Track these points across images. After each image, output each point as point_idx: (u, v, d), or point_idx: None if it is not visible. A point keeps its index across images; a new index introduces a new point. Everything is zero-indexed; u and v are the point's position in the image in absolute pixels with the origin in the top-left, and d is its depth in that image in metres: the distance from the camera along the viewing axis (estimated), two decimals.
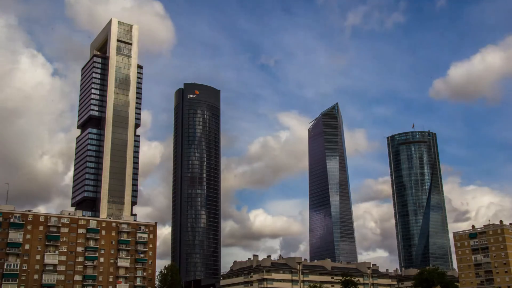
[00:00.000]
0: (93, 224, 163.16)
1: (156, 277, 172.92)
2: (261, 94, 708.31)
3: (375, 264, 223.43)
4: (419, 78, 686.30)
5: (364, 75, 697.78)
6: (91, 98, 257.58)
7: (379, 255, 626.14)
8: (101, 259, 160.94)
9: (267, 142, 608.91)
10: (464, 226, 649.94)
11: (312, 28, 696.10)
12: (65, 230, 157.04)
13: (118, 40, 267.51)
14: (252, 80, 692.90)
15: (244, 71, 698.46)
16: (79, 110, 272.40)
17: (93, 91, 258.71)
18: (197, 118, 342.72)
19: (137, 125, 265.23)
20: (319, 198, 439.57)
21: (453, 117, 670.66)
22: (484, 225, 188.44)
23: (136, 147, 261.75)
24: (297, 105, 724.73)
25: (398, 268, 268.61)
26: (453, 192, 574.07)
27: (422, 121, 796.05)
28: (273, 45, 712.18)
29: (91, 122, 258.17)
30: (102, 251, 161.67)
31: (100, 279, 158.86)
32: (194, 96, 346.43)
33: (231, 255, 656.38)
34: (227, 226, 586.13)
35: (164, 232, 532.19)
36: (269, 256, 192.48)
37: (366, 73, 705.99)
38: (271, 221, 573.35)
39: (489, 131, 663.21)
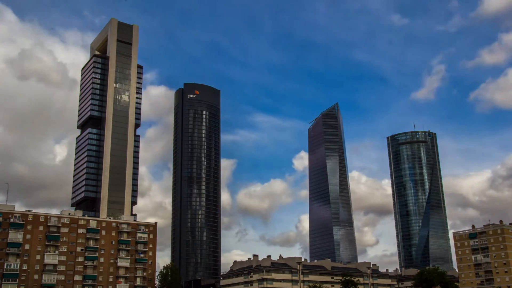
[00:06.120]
0: (93, 224, 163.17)
1: (156, 277, 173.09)
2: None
3: (375, 264, 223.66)
4: None
5: None
6: (91, 98, 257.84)
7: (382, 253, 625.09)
8: (101, 259, 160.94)
9: None
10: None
11: None
12: (65, 230, 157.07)
13: (118, 40, 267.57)
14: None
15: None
16: (79, 110, 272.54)
17: (93, 91, 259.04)
18: (197, 118, 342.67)
19: (137, 125, 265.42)
20: (319, 198, 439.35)
21: None
22: (484, 225, 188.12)
23: (136, 147, 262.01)
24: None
25: (398, 268, 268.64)
26: None
27: (422, 121, 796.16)
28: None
29: (91, 122, 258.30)
30: (102, 251, 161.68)
31: (100, 279, 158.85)
32: (194, 96, 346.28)
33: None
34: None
35: (164, 231, 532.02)
36: (269, 256, 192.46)
37: None
38: None
39: None
